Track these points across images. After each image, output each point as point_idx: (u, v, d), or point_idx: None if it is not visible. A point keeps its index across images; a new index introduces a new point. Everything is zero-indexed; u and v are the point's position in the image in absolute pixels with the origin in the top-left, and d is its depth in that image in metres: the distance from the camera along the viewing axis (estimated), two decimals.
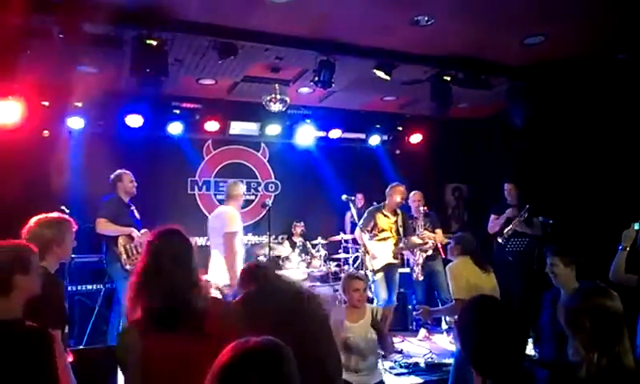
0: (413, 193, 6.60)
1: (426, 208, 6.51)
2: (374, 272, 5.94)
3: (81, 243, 5.63)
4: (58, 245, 2.97)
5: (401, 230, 6.13)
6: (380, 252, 5.97)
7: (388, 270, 6.01)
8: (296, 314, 1.99)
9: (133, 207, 5.54)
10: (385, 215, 6.13)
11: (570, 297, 2.21)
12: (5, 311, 2.19)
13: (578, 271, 3.54)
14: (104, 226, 5.16)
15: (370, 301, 6.43)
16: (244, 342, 1.34)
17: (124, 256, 5.15)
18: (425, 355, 5.68)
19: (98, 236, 5.31)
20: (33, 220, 2.97)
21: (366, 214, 6.27)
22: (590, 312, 2.06)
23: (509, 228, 6.35)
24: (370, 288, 6.29)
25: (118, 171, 5.49)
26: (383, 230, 6.07)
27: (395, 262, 6.09)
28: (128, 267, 5.13)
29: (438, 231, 6.48)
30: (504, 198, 6.63)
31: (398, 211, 6.18)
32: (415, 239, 6.22)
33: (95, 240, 5.40)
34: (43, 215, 3.04)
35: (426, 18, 4.72)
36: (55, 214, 3.15)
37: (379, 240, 6.03)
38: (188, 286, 2.05)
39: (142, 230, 5.39)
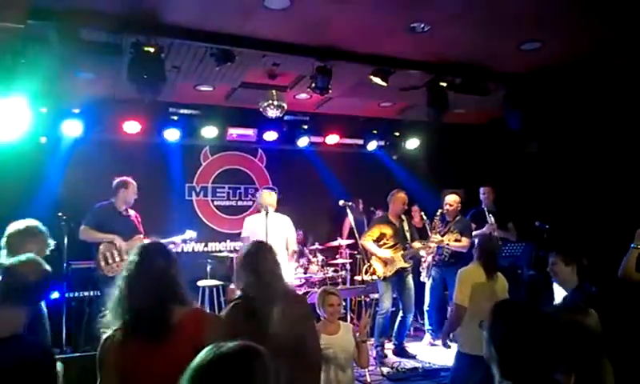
0: (447, 197, 6.48)
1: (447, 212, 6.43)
2: (385, 279, 5.95)
3: (77, 249, 5.69)
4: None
5: (407, 234, 6.13)
6: (391, 258, 5.97)
7: (399, 274, 6.00)
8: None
9: (131, 214, 5.50)
10: (391, 223, 6.12)
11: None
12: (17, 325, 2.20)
13: (579, 271, 3.52)
14: (85, 233, 5.23)
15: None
16: (218, 346, 1.36)
17: (102, 263, 5.15)
18: (423, 361, 5.69)
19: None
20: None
21: (372, 225, 6.27)
22: (566, 331, 1.98)
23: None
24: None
25: (125, 178, 5.46)
26: (392, 237, 6.07)
27: (407, 265, 6.05)
28: (107, 274, 5.14)
29: (464, 239, 6.18)
30: (479, 203, 6.64)
31: (403, 217, 6.18)
32: (417, 243, 6.21)
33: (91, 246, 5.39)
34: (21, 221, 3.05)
35: (423, 25, 4.74)
36: (27, 222, 3.15)
37: (388, 248, 6.03)
38: (163, 301, 2.10)
39: (137, 236, 5.36)
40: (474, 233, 6.37)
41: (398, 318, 6.06)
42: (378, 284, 6.08)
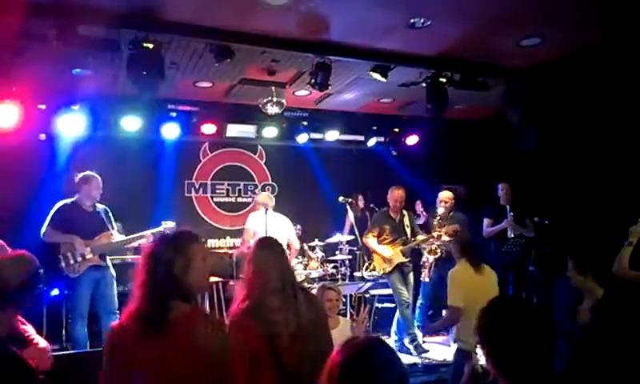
0: (441, 193, 6.48)
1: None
2: (388, 274, 5.96)
3: None
4: None
5: (408, 229, 6.14)
6: (390, 254, 5.99)
7: (400, 269, 6.02)
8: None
9: (99, 210, 5.41)
10: (390, 218, 6.16)
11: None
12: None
13: (599, 279, 3.46)
14: (47, 235, 5.14)
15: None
16: (354, 340, 1.48)
17: (62, 263, 5.09)
18: (422, 356, 5.69)
19: None
20: None
21: (373, 222, 6.32)
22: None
23: (511, 236, 6.31)
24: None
25: (88, 173, 5.33)
26: (391, 233, 6.10)
27: (406, 260, 6.07)
28: (70, 275, 5.11)
29: None
30: (496, 199, 6.63)
31: (404, 212, 6.21)
32: (420, 236, 6.21)
33: None
34: None
35: (422, 20, 4.73)
36: None
37: (388, 243, 6.05)
38: (165, 295, 2.05)
39: (102, 234, 5.29)
40: (490, 229, 6.38)
41: (397, 314, 6.07)
42: (387, 281, 6.10)
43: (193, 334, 2.00)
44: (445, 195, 6.42)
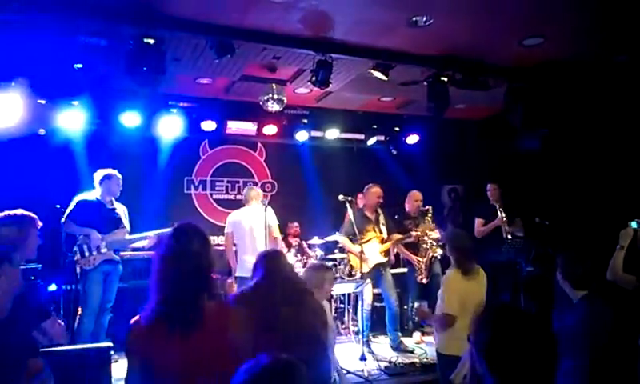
0: (412, 192, 6.52)
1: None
2: (363, 275, 5.92)
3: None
4: (21, 244, 2.75)
5: (383, 227, 6.12)
6: (368, 253, 5.93)
7: (377, 270, 5.99)
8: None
9: (116, 207, 5.50)
10: (367, 217, 6.12)
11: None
12: None
13: (578, 284, 3.42)
14: (67, 226, 5.29)
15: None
16: (255, 363, 1.38)
17: (77, 256, 5.21)
18: (421, 355, 5.70)
19: None
20: None
21: (347, 221, 6.18)
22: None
23: (506, 236, 6.31)
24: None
25: (110, 171, 5.47)
26: (367, 232, 6.06)
27: (384, 260, 6.04)
28: (84, 266, 5.19)
29: (437, 229, 6.31)
30: (488, 199, 6.64)
31: (379, 210, 6.19)
32: (396, 235, 6.17)
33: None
34: (5, 213, 2.86)
35: (424, 19, 4.72)
36: (18, 211, 2.94)
37: (364, 242, 6.00)
38: (196, 289, 1.97)
39: (118, 230, 5.39)
40: (482, 229, 6.39)
41: (387, 314, 6.06)
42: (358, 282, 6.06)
43: (225, 330, 1.94)
44: (420, 195, 6.46)
